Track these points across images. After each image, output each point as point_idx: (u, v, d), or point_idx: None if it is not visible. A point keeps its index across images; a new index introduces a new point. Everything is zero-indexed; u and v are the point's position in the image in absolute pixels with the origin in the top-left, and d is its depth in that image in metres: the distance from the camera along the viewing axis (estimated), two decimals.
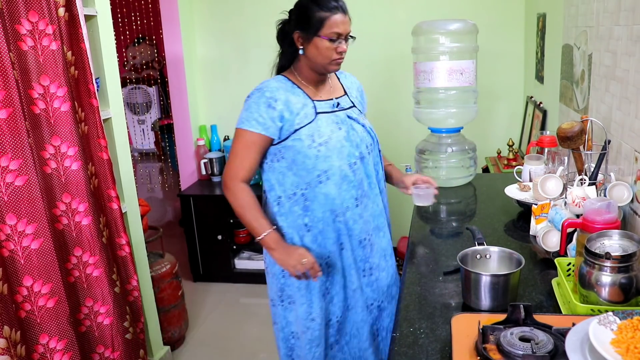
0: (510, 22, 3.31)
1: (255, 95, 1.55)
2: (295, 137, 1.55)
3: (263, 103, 1.53)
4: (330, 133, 1.57)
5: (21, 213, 1.69)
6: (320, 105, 1.61)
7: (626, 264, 1.06)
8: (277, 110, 1.53)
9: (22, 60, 1.73)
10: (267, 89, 1.56)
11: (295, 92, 1.59)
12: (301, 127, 1.55)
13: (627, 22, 1.47)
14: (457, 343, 1.02)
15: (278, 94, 1.55)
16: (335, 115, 1.62)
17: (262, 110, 1.52)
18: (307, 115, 1.57)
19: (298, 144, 1.55)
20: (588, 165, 1.52)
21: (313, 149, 1.54)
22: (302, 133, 1.55)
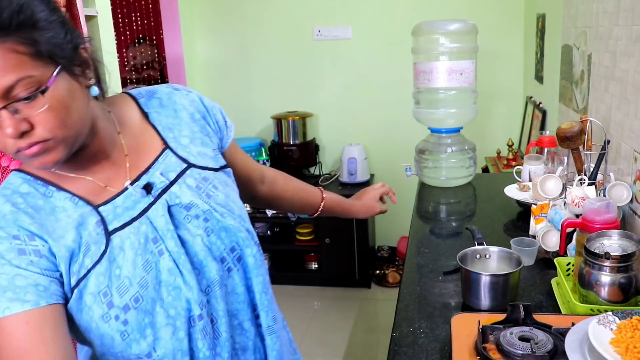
0: (510, 22, 3.32)
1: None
2: (74, 301, 0.80)
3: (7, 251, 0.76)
4: (142, 274, 0.82)
5: None
6: (114, 212, 0.84)
7: (625, 263, 1.06)
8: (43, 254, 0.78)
9: None
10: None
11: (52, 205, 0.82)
12: (82, 277, 0.79)
13: (626, 23, 1.48)
14: (457, 343, 1.02)
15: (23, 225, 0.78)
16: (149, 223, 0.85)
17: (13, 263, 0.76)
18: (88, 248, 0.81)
19: (83, 314, 0.80)
20: (587, 165, 1.52)
21: (112, 321, 0.80)
22: (86, 290, 0.79)
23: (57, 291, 0.78)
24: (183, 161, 0.92)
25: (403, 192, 3.53)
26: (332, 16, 3.51)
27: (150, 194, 0.87)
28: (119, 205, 0.85)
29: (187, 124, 0.96)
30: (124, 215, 0.84)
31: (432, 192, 2.26)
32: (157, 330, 0.82)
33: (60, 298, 0.78)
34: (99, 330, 0.80)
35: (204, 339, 0.86)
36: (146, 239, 0.84)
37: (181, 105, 0.97)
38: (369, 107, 3.58)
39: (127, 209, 0.85)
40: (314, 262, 3.58)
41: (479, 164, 2.70)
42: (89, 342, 0.83)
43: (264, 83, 3.67)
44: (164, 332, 0.82)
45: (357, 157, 3.43)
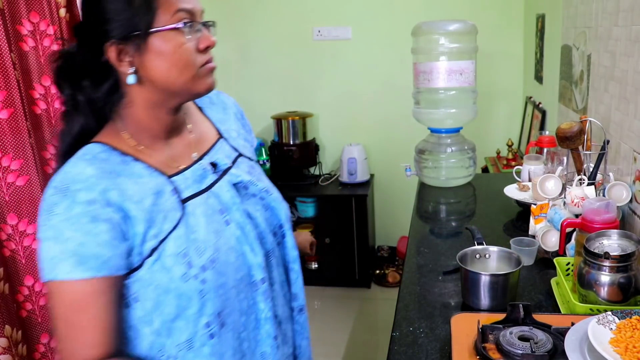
0: (510, 22, 3.32)
1: (63, 206, 0.81)
2: (153, 263, 0.85)
3: (81, 216, 0.80)
4: (215, 239, 0.90)
5: (22, 213, 1.70)
6: (185, 182, 0.91)
7: (625, 263, 1.07)
8: (115, 221, 0.82)
9: (24, 60, 1.74)
10: (80, 185, 0.82)
11: (130, 171, 0.87)
12: (161, 241, 0.85)
13: (625, 23, 1.48)
14: (457, 342, 1.02)
15: (102, 190, 0.82)
16: (215, 197, 0.93)
17: (84, 230, 0.80)
18: (166, 215, 0.87)
19: (163, 276, 0.85)
20: (587, 165, 1.52)
21: (192, 280, 0.86)
22: (165, 253, 0.85)
23: (117, 264, 0.83)
24: (235, 150, 1.04)
25: (403, 192, 3.55)
26: (332, 16, 3.51)
27: (216, 171, 0.97)
28: (188, 177, 0.93)
29: (233, 121, 1.10)
30: (193, 187, 0.92)
31: (431, 192, 2.27)
32: (227, 291, 0.90)
33: (119, 270, 0.83)
34: (179, 290, 0.85)
35: (266, 302, 0.97)
36: (214, 210, 0.92)
37: (227, 104, 1.12)
38: (368, 107, 3.58)
39: (195, 182, 0.93)
40: (314, 262, 3.58)
41: (478, 164, 2.70)
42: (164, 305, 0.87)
43: (264, 83, 3.67)
44: (232, 293, 0.91)
45: (357, 157, 3.43)
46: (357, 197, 3.35)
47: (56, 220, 0.80)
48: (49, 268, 0.81)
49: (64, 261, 0.79)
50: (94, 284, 0.81)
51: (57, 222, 0.80)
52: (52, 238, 0.80)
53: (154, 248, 0.85)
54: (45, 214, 0.82)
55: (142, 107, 0.89)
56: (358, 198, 3.35)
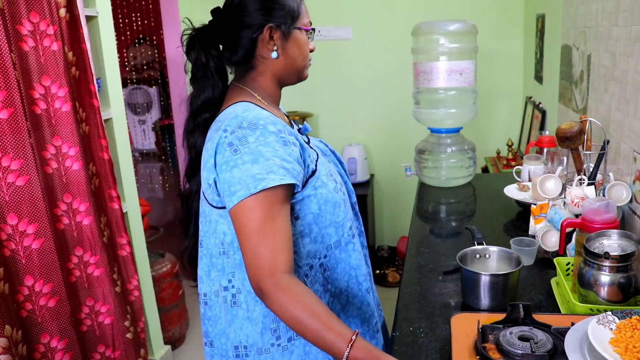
0: (510, 22, 3.32)
1: (256, 135, 0.99)
2: (315, 181, 1.07)
3: (275, 142, 0.99)
4: (334, 167, 1.19)
5: (22, 213, 1.70)
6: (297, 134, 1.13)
7: (625, 263, 1.07)
8: (297, 145, 1.04)
9: (24, 60, 1.74)
10: (266, 120, 1.01)
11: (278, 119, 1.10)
12: (315, 164, 1.09)
13: (625, 23, 1.48)
14: (457, 342, 1.02)
15: (279, 124, 1.03)
16: (315, 146, 1.21)
17: (282, 151, 0.99)
18: (309, 148, 1.13)
19: (323, 190, 1.07)
20: (587, 165, 1.52)
21: (340, 192, 1.12)
22: (321, 173, 1.09)
23: (302, 178, 1.04)
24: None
25: (403, 192, 3.55)
26: (332, 16, 3.51)
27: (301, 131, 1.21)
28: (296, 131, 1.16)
29: None
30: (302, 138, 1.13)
31: (432, 192, 2.27)
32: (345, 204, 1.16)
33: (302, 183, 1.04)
34: (334, 199, 1.10)
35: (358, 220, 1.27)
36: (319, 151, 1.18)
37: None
38: (369, 107, 3.58)
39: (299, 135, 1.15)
40: None
41: (478, 164, 2.70)
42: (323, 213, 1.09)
43: None
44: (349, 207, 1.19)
45: (357, 157, 3.43)
46: (357, 197, 3.32)
47: (254, 146, 0.98)
48: (254, 182, 0.95)
49: (274, 172, 0.96)
50: (283, 195, 0.98)
51: (255, 147, 0.98)
52: (252, 160, 0.97)
53: (314, 170, 1.08)
54: (234, 146, 0.98)
55: (269, 78, 1.15)
56: (358, 198, 3.30)
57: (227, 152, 0.99)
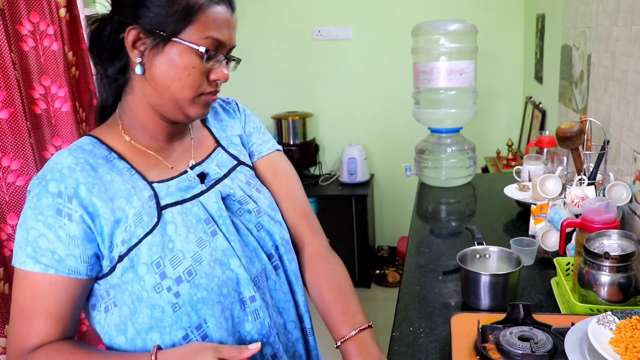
0: (510, 22, 3.32)
1: (33, 194, 0.82)
2: (124, 270, 0.82)
3: (47, 207, 0.80)
4: (196, 249, 0.85)
5: None
6: (166, 190, 0.88)
7: (625, 263, 1.07)
8: (74, 219, 0.80)
9: (24, 60, 1.73)
10: (54, 175, 0.81)
11: (109, 168, 0.85)
12: (130, 248, 0.82)
13: (626, 23, 1.48)
14: (457, 342, 1.02)
15: (71, 184, 0.80)
16: (200, 206, 0.89)
17: (47, 222, 0.80)
18: (140, 219, 0.83)
19: (135, 286, 0.82)
20: (587, 165, 1.52)
21: (165, 292, 0.82)
22: (138, 260, 0.82)
23: (74, 266, 0.81)
24: (234, 158, 1.00)
25: (403, 192, 3.55)
26: (332, 16, 3.51)
27: (204, 183, 0.93)
28: (172, 186, 0.89)
29: (238, 127, 1.06)
30: (175, 195, 0.89)
31: (431, 192, 2.27)
32: (211, 306, 0.85)
33: (77, 273, 0.81)
34: (150, 300, 0.82)
35: (254, 322, 0.90)
36: (198, 219, 0.88)
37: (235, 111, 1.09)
38: (369, 107, 3.58)
39: (179, 190, 0.90)
40: None
41: (478, 164, 2.70)
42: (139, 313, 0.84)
43: (264, 83, 3.67)
44: (216, 310, 0.85)
45: (357, 157, 3.43)
46: (357, 197, 3.35)
47: (26, 207, 0.82)
48: (14, 253, 0.83)
49: (22, 250, 0.81)
50: (50, 279, 0.80)
51: (26, 209, 0.82)
52: (19, 224, 0.82)
53: (124, 254, 0.82)
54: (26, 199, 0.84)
55: (141, 102, 0.88)
56: (358, 198, 3.35)
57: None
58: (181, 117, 0.89)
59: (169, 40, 0.82)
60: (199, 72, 0.84)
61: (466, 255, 1.31)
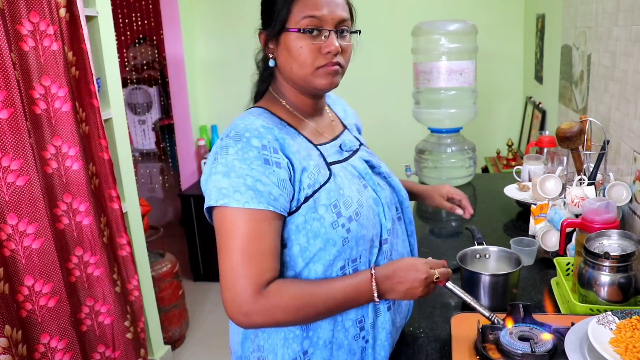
0: (510, 22, 3.32)
1: (236, 148, 0.93)
2: (308, 210, 0.96)
3: (255, 158, 0.92)
4: (358, 196, 1.01)
5: (22, 213, 1.70)
6: (328, 152, 1.05)
7: (625, 263, 1.07)
8: (282, 166, 0.94)
9: (24, 60, 1.74)
10: (253, 133, 0.94)
11: (287, 131, 1.02)
12: (314, 191, 0.97)
13: (626, 23, 1.48)
14: (457, 342, 1.02)
15: (271, 139, 0.95)
16: (352, 166, 1.07)
17: (258, 170, 0.91)
18: (319, 170, 0.99)
19: (315, 223, 0.96)
20: (587, 165, 1.52)
21: (340, 228, 0.96)
22: (319, 202, 0.96)
23: (283, 204, 0.94)
24: (357, 140, 1.19)
25: None
26: None
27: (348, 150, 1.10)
28: (329, 148, 1.07)
29: (353, 120, 1.29)
30: (334, 156, 1.06)
31: None
32: (365, 242, 1.01)
33: (284, 210, 0.94)
34: (327, 235, 0.96)
35: (384, 260, 1.05)
36: (353, 175, 1.06)
37: (347, 108, 1.31)
38: (368, 107, 3.57)
39: (335, 153, 1.07)
40: None
41: (478, 164, 2.70)
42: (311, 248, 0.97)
43: None
44: (366, 245, 1.01)
45: None
46: None
47: (230, 158, 0.92)
48: (218, 196, 0.91)
49: (241, 193, 0.90)
50: (267, 215, 0.91)
51: (231, 160, 0.92)
52: (224, 172, 0.92)
53: (308, 196, 0.96)
54: (217, 155, 0.94)
55: (286, 85, 1.06)
56: None
57: (210, 160, 0.96)
58: (313, 90, 1.04)
59: (281, 33, 1.00)
60: (309, 49, 0.98)
61: (466, 255, 1.31)
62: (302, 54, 0.98)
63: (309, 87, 1.03)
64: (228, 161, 0.92)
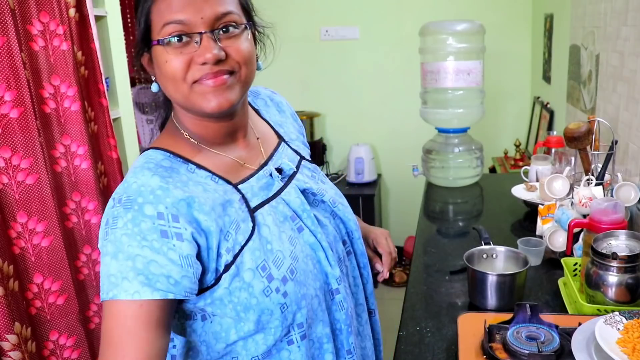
0: (518, 22, 3.31)
1: (125, 219, 0.74)
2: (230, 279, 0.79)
3: (149, 231, 0.74)
4: (291, 247, 0.84)
5: (32, 211, 1.71)
6: (253, 190, 0.86)
7: (633, 264, 1.06)
8: (184, 238, 0.75)
9: (34, 60, 1.75)
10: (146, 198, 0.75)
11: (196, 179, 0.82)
12: (235, 255, 0.80)
13: (634, 23, 1.47)
14: (463, 342, 1.02)
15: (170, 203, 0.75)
16: (285, 203, 0.88)
17: (153, 247, 0.73)
18: (237, 226, 0.81)
19: (243, 293, 0.79)
20: (595, 165, 1.52)
21: (274, 293, 0.80)
22: (242, 267, 0.79)
23: (188, 286, 0.76)
24: (296, 154, 0.99)
25: (410, 192, 3.55)
26: (339, 16, 3.51)
27: (282, 177, 0.91)
28: (254, 185, 0.87)
29: (291, 122, 1.05)
30: (260, 195, 0.86)
31: (439, 192, 2.27)
32: (309, 302, 0.84)
33: (189, 293, 0.76)
34: (260, 305, 0.79)
35: (340, 311, 0.90)
36: (285, 217, 0.87)
37: (282, 104, 1.07)
38: (376, 107, 3.58)
39: (262, 189, 0.87)
40: None
41: (486, 164, 2.70)
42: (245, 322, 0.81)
43: (271, 83, 3.66)
44: (314, 303, 0.86)
45: (365, 157, 3.43)
46: (364, 196, 3.35)
47: (119, 233, 0.74)
48: (108, 286, 0.73)
49: (132, 280, 0.72)
50: (155, 306, 0.73)
51: (119, 236, 0.73)
52: (112, 254, 0.74)
53: (229, 263, 0.79)
54: (107, 227, 0.76)
55: (183, 114, 0.86)
56: (365, 198, 3.35)
57: (102, 232, 0.77)
58: (202, 113, 0.82)
59: (149, 50, 0.81)
60: (176, 62, 0.77)
61: (473, 255, 1.31)
62: (170, 69, 0.78)
63: (196, 111, 0.82)
64: (116, 237, 0.73)
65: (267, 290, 0.80)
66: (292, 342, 0.85)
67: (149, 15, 0.78)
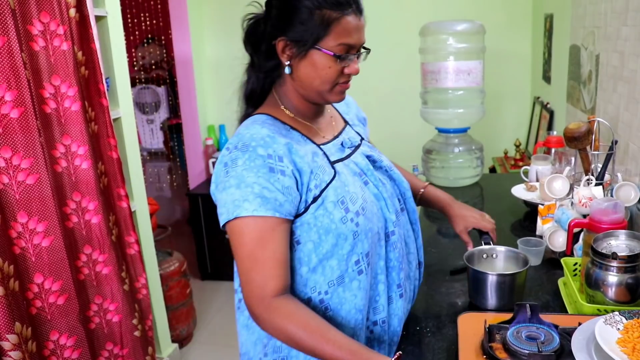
0: (518, 22, 3.31)
1: (244, 159, 0.97)
2: (317, 209, 1.01)
3: (261, 166, 0.96)
4: (362, 192, 1.07)
5: (32, 211, 1.72)
6: (331, 151, 1.10)
7: (633, 264, 1.06)
8: (286, 174, 0.98)
9: (34, 60, 1.75)
10: (259, 142, 0.98)
11: (291, 136, 1.05)
12: (321, 190, 1.02)
13: (635, 23, 1.48)
14: (464, 342, 1.02)
15: (277, 147, 0.98)
16: (354, 163, 1.12)
17: (265, 177, 0.95)
18: (324, 170, 1.04)
19: (325, 219, 1.01)
20: (595, 165, 1.52)
21: (349, 222, 1.02)
22: (327, 200, 1.01)
23: (289, 209, 0.98)
24: (358, 135, 1.23)
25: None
26: None
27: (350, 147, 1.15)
28: (331, 147, 1.11)
29: (354, 113, 1.32)
30: (336, 154, 1.10)
31: None
32: (373, 235, 1.06)
33: (290, 214, 0.98)
34: (337, 230, 1.01)
35: (394, 251, 1.12)
36: (355, 173, 1.10)
37: (349, 101, 1.33)
38: (376, 107, 3.58)
39: (337, 151, 1.12)
40: None
41: (486, 164, 2.70)
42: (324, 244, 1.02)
43: None
44: (375, 238, 1.07)
45: None
46: None
47: (240, 170, 0.96)
48: (233, 208, 0.95)
49: (249, 201, 0.94)
50: (273, 222, 0.95)
51: (240, 172, 0.96)
52: (236, 185, 0.96)
53: (317, 196, 1.01)
54: (227, 167, 0.98)
55: (292, 90, 1.09)
56: None
57: (222, 172, 0.99)
58: (324, 102, 1.11)
59: (310, 49, 1.00)
60: (335, 70, 1.02)
61: (473, 255, 1.31)
62: (328, 73, 1.02)
63: (320, 100, 1.09)
64: (238, 173, 0.96)
65: (344, 219, 1.01)
66: (361, 271, 1.05)
67: (328, 29, 0.99)
